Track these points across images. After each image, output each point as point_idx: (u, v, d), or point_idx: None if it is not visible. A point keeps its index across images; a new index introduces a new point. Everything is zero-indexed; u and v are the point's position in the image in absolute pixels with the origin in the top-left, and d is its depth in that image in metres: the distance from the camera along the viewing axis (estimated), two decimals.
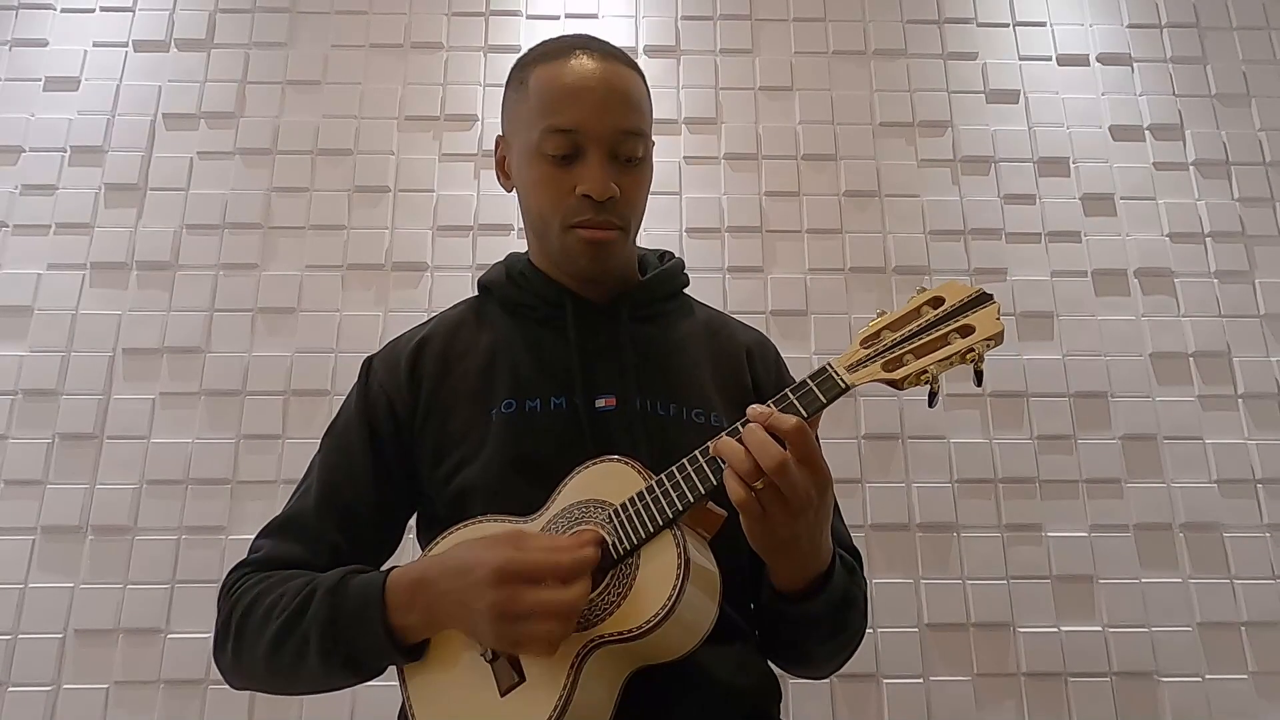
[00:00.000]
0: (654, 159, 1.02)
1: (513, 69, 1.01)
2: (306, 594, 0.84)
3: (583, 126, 0.91)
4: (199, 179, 2.05)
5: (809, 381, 0.79)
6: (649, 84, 1.01)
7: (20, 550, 1.77)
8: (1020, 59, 2.21)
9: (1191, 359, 1.97)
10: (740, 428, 0.77)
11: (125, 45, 2.14)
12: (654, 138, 1.01)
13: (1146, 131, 2.15)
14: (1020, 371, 1.95)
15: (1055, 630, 1.79)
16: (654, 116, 1.03)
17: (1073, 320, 2.00)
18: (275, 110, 2.10)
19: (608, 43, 0.98)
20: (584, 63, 0.93)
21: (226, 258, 1.99)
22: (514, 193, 1.02)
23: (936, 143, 2.13)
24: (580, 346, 0.96)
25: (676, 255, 1.11)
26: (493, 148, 1.08)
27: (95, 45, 2.13)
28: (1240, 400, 1.95)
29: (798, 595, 0.85)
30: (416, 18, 2.18)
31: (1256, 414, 1.94)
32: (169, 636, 1.73)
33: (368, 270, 1.99)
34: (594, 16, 2.19)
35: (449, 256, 2.00)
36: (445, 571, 0.79)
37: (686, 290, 1.11)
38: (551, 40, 0.99)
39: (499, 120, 1.04)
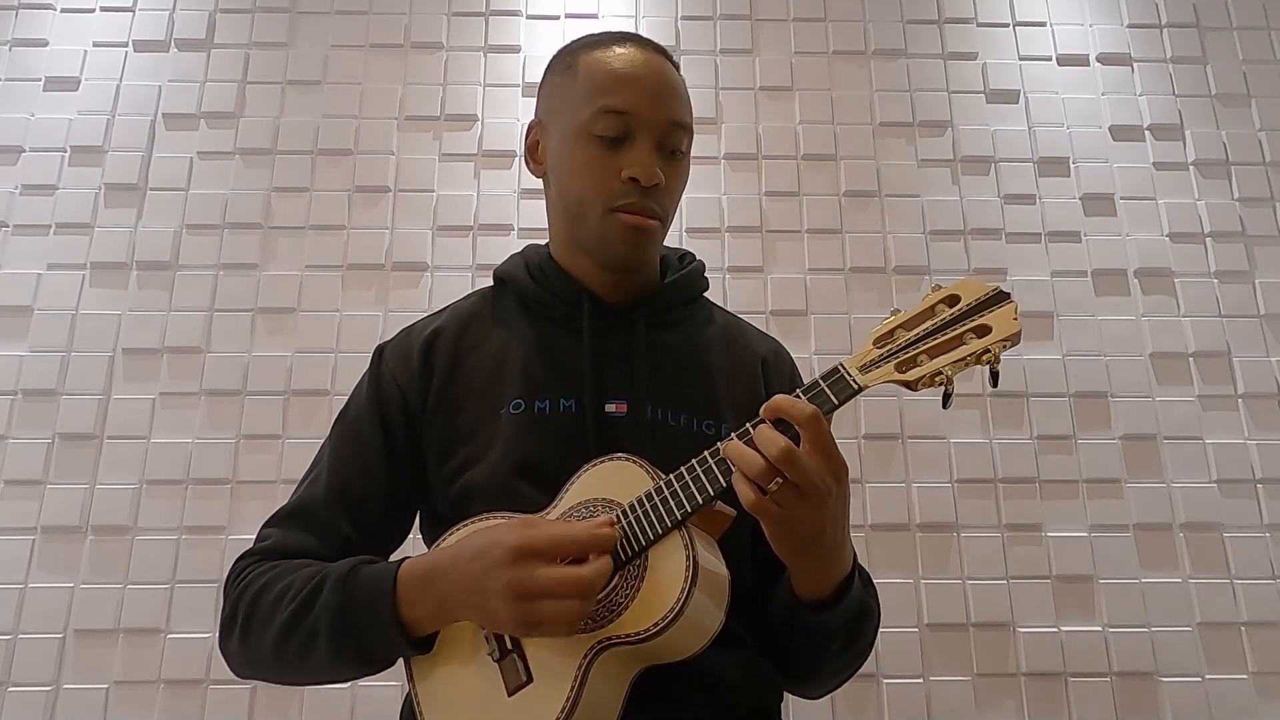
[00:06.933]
0: None
1: (555, 57, 1.01)
2: (316, 584, 0.83)
3: (636, 110, 0.92)
4: (199, 179, 2.04)
5: (820, 382, 0.77)
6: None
7: (20, 550, 1.77)
8: (1020, 59, 2.21)
9: (1191, 359, 1.97)
10: (751, 429, 0.76)
11: (125, 45, 2.14)
12: None
13: (1146, 131, 2.15)
14: (1020, 371, 1.94)
15: (1055, 630, 1.78)
16: None
17: (1073, 320, 2.00)
18: (275, 110, 2.10)
19: (653, 40, 1.01)
20: (635, 51, 0.96)
21: (226, 258, 1.99)
22: (543, 180, 1.03)
23: (936, 143, 2.13)
24: (594, 349, 0.95)
25: (697, 258, 1.09)
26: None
27: (95, 45, 2.13)
28: (1240, 400, 1.94)
29: (819, 604, 0.83)
30: (416, 18, 2.17)
31: (1256, 414, 1.94)
32: (169, 636, 1.73)
33: (368, 270, 1.99)
34: (594, 17, 2.19)
35: (449, 256, 2.00)
36: (460, 557, 0.79)
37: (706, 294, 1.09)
38: (597, 33, 1.01)
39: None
